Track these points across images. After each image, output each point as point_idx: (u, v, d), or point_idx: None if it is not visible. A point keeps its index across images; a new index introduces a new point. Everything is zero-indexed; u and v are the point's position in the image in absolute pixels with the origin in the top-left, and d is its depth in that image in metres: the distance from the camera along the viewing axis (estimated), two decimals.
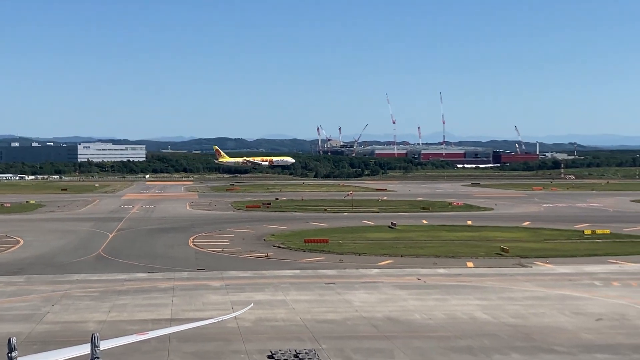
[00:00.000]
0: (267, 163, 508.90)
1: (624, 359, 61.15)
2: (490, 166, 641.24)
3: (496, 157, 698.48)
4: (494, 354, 62.65)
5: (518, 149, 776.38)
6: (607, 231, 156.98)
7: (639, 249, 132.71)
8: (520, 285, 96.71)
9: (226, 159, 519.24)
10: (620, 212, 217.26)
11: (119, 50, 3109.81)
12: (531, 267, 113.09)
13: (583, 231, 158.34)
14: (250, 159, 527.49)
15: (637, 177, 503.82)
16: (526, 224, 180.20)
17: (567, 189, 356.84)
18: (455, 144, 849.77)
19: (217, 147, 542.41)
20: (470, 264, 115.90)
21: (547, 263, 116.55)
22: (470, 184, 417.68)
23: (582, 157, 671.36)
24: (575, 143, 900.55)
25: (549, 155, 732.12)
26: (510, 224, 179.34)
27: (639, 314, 78.76)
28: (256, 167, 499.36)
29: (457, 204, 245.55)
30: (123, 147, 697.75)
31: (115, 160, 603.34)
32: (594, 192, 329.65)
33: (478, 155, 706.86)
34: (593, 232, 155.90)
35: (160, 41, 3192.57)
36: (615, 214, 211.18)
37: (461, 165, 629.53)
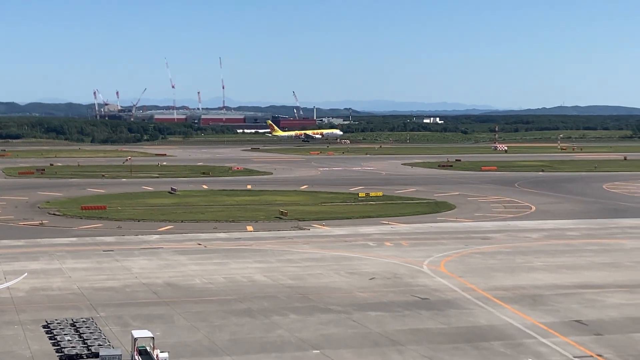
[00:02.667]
0: (319, 136, 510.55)
1: (396, 316, 64.05)
2: (270, 131, 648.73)
3: (275, 122, 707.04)
4: (273, 315, 63.91)
5: (296, 114, 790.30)
6: (380, 193, 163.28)
7: (409, 210, 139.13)
8: (298, 247, 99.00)
9: (280, 133, 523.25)
10: (392, 175, 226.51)
11: None
12: (309, 229, 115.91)
13: (358, 194, 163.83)
14: (304, 132, 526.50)
15: (408, 141, 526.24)
16: (304, 187, 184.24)
17: (343, 153, 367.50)
18: (235, 109, 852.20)
19: (270, 122, 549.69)
20: (250, 228, 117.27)
21: (323, 225, 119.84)
22: (250, 148, 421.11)
23: (356, 123, 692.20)
24: (350, 109, 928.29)
25: (325, 120, 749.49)
26: (289, 187, 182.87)
27: (410, 272, 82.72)
28: (308, 140, 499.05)
29: (237, 168, 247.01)
30: None
31: None
32: (368, 156, 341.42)
33: (257, 121, 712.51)
34: (367, 194, 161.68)
35: None
36: (387, 177, 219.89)
37: (241, 130, 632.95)
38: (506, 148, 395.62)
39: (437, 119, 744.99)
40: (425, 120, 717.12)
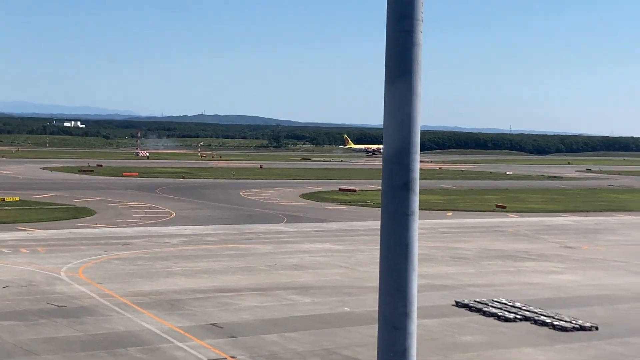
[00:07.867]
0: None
1: (30, 325, 62.00)
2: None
3: None
4: None
5: None
6: (17, 198, 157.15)
7: (47, 216, 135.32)
8: None
9: (354, 146, 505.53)
10: (30, 180, 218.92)
11: None
12: None
13: None
14: (374, 146, 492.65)
15: (48, 145, 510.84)
16: None
17: None
18: None
19: (346, 136, 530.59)
20: None
21: None
22: None
23: None
24: None
25: None
26: None
27: (46, 279, 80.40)
28: (375, 153, 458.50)
29: None
30: None
31: None
32: (5, 159, 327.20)
33: None
34: (2, 199, 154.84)
35: None
36: (24, 181, 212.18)
37: None
38: (148, 154, 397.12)
39: (79, 123, 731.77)
40: (66, 124, 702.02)
